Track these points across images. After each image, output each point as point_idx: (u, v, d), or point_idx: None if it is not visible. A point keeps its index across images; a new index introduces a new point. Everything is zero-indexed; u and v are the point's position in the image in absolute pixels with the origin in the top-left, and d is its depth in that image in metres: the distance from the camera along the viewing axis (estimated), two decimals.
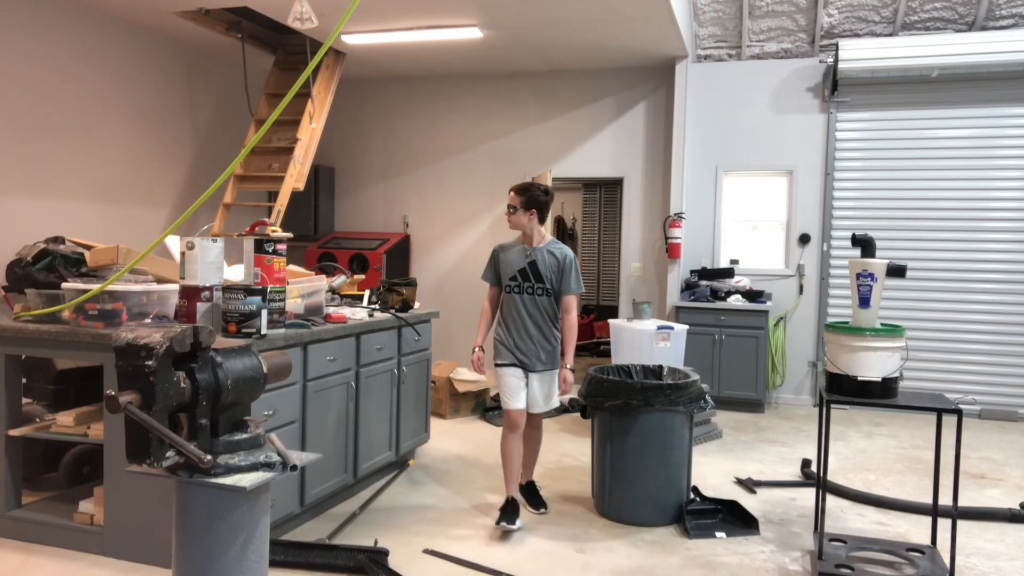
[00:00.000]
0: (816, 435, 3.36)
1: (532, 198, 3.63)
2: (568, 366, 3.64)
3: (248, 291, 3.06)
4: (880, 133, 6.57)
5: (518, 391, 3.66)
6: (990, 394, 6.35)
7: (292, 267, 4.20)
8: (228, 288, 3.08)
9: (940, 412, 3.02)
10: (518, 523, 3.60)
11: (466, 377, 6.04)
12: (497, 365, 3.69)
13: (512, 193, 3.68)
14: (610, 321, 5.72)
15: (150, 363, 1.17)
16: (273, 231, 3.35)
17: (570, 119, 7.37)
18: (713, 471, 4.63)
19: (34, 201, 5.29)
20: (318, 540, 3.31)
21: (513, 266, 3.67)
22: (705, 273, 6.77)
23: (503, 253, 3.76)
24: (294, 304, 3.60)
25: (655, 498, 3.69)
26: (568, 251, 3.70)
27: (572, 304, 3.67)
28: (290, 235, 3.44)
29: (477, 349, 3.70)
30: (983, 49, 6.01)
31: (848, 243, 6.59)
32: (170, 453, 1.21)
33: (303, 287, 3.70)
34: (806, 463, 4.67)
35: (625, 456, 3.68)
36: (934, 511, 3.18)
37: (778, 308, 6.77)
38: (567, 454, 4.97)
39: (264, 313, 3.12)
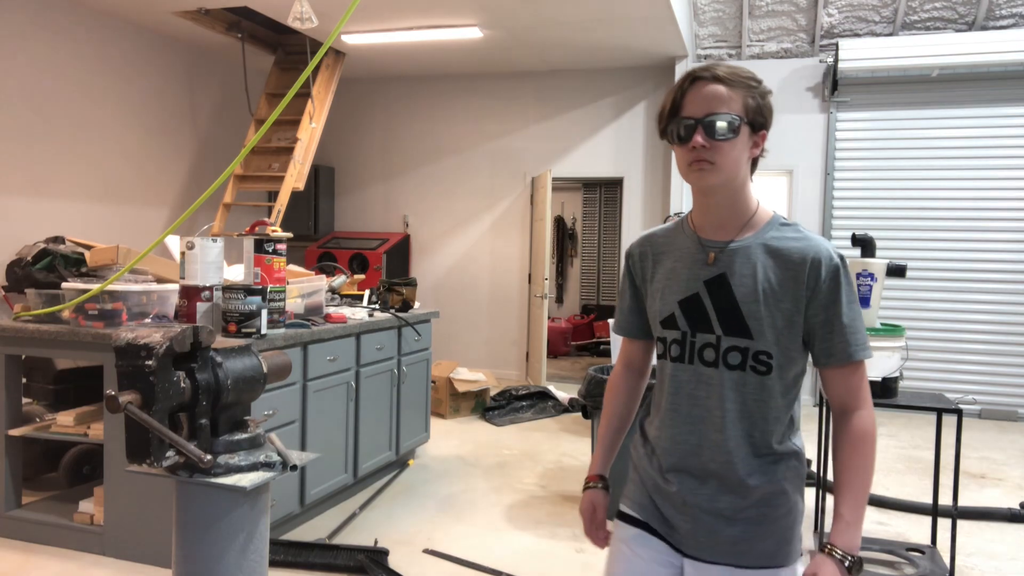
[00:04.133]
0: (816, 435, 3.36)
1: (764, 103, 1.43)
2: (838, 552, 1.36)
3: (248, 291, 3.06)
4: (880, 133, 6.57)
5: None
6: (990, 394, 6.35)
7: (292, 267, 4.20)
8: (228, 288, 3.08)
9: (940, 412, 3.02)
10: None
11: (466, 377, 6.04)
12: (619, 515, 1.61)
13: (716, 85, 1.39)
14: (610, 321, 5.71)
15: (150, 363, 1.17)
16: (273, 231, 3.35)
17: (570, 119, 7.37)
18: None
19: (34, 201, 5.29)
20: (318, 540, 3.31)
21: (672, 289, 1.50)
22: None
23: (647, 257, 1.58)
24: (294, 304, 3.60)
25: None
26: (826, 245, 1.43)
27: (856, 385, 1.43)
28: (290, 235, 3.45)
29: (592, 485, 1.69)
30: (983, 49, 6.01)
31: (848, 243, 6.58)
32: (170, 453, 1.21)
33: (303, 287, 3.70)
34: (806, 463, 4.67)
35: (625, 456, 3.69)
36: (934, 511, 3.18)
37: None
38: (567, 454, 4.97)
39: (264, 313, 3.12)
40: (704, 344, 1.45)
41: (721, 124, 1.37)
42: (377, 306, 4.36)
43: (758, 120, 1.42)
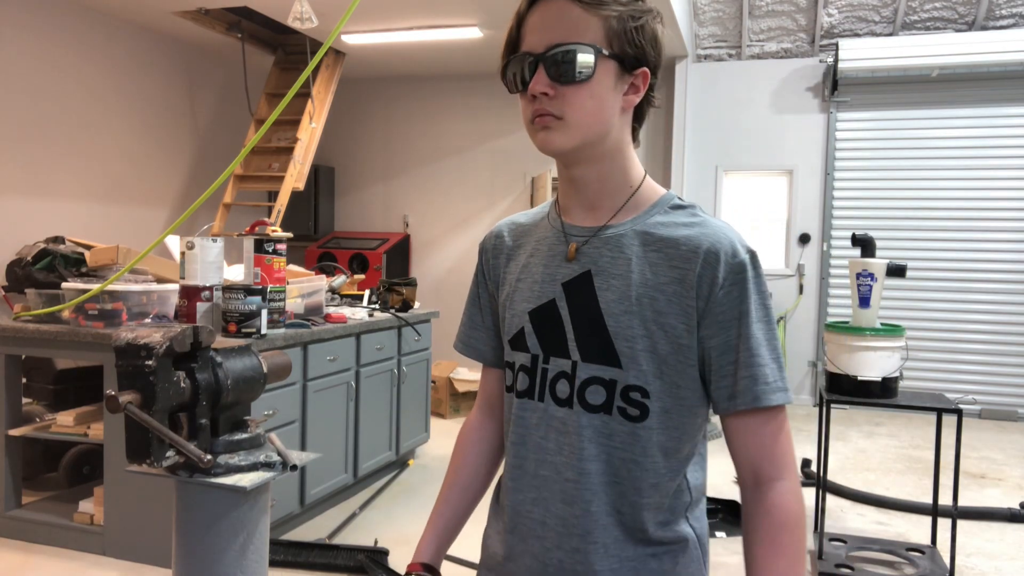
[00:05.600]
0: (816, 435, 3.36)
1: (639, 26, 0.97)
2: None
3: (248, 291, 3.06)
4: (880, 133, 6.57)
5: None
6: (990, 394, 6.35)
7: (292, 267, 4.20)
8: (228, 288, 3.08)
9: (940, 412, 3.02)
10: None
11: (466, 377, 6.04)
12: None
13: (565, 3, 0.95)
14: None
15: (150, 363, 1.16)
16: (273, 231, 3.35)
17: None
18: (713, 471, 4.63)
19: (34, 201, 5.29)
20: (318, 540, 3.31)
21: (523, 295, 1.08)
22: None
23: (501, 252, 1.15)
24: (294, 304, 3.60)
25: None
26: (729, 234, 1.03)
27: (772, 443, 0.98)
28: (290, 235, 3.44)
29: None
30: (983, 49, 6.01)
31: (848, 243, 6.58)
32: (170, 453, 1.21)
33: (303, 287, 3.70)
34: (806, 463, 4.67)
35: None
36: (934, 511, 3.18)
37: (778, 308, 6.77)
38: None
39: (264, 313, 3.12)
40: (558, 373, 1.01)
41: (569, 60, 0.94)
42: (377, 306, 4.36)
43: (629, 52, 0.97)
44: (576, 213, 1.06)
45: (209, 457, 1.19)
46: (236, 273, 3.60)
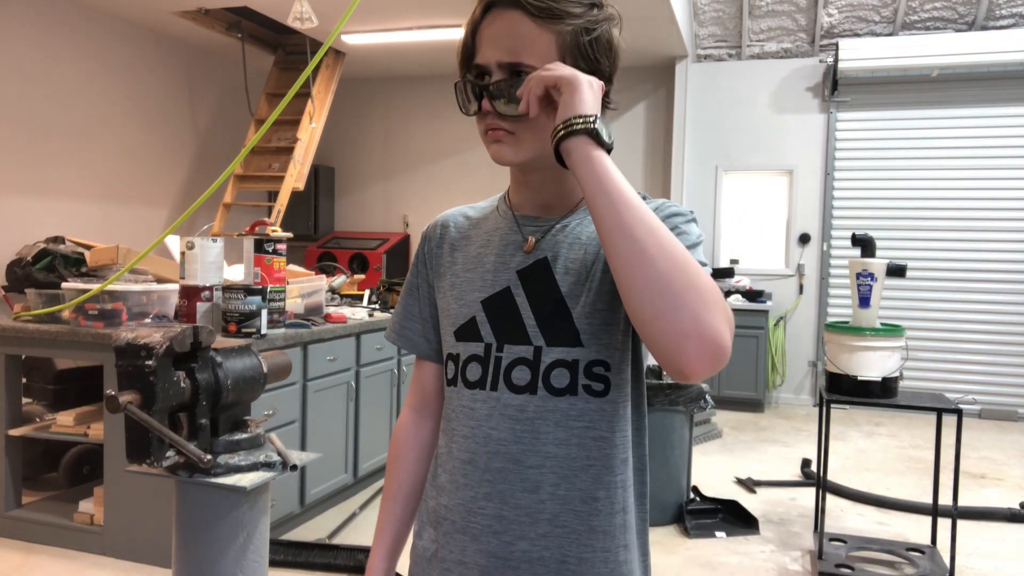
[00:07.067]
0: (816, 435, 3.36)
1: (595, 38, 0.99)
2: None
3: (248, 291, 3.06)
4: (880, 133, 6.57)
5: None
6: (990, 394, 6.35)
7: (292, 267, 4.20)
8: (228, 288, 3.08)
9: (940, 412, 3.02)
10: None
11: None
12: None
13: (517, 15, 0.99)
14: None
15: (150, 363, 1.16)
16: (273, 231, 3.35)
17: None
18: (713, 471, 4.63)
19: (34, 201, 5.29)
20: (318, 540, 3.31)
21: (474, 285, 1.06)
22: None
23: (445, 241, 1.14)
24: (294, 304, 3.60)
25: (655, 498, 3.69)
26: (669, 203, 1.04)
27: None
28: (290, 235, 3.45)
29: None
30: (983, 49, 6.01)
31: (848, 243, 6.58)
32: (170, 453, 1.21)
33: (303, 287, 3.70)
34: (806, 463, 4.67)
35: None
36: (934, 511, 3.18)
37: (778, 308, 6.77)
38: None
39: (264, 313, 3.12)
40: (515, 361, 1.00)
41: (520, 81, 0.95)
42: (377, 306, 4.36)
43: (583, 67, 0.97)
44: (530, 209, 1.07)
45: (209, 457, 1.19)
46: (236, 273, 3.60)
